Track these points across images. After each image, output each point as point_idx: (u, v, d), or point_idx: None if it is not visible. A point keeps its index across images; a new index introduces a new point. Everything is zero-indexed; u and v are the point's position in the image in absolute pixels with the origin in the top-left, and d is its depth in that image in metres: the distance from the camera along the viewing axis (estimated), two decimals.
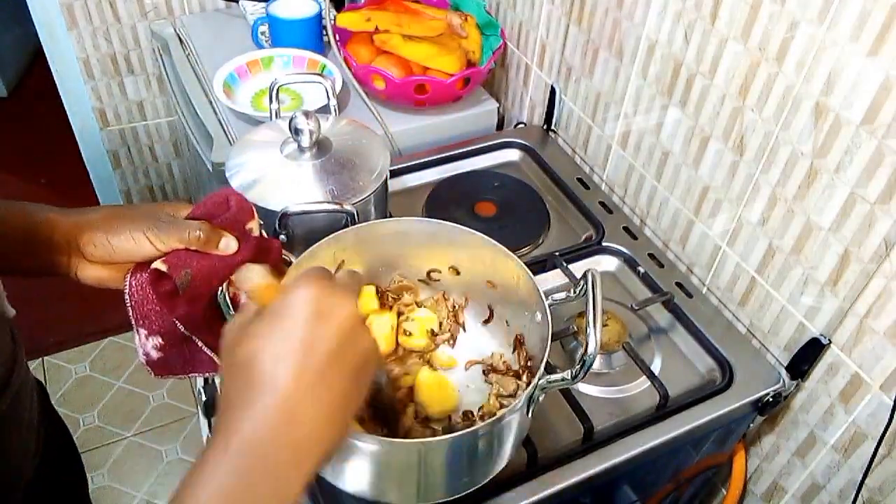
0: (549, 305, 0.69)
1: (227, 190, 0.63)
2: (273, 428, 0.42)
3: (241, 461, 0.42)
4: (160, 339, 0.61)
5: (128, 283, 0.59)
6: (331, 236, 0.74)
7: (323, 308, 0.45)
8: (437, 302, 0.81)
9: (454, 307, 0.81)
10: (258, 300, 0.48)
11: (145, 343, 0.61)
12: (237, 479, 0.41)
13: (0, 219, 0.58)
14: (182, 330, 0.60)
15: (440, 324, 0.80)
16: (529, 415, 0.67)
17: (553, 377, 0.64)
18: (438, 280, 0.82)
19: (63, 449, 0.86)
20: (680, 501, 1.06)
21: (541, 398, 0.66)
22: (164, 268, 0.57)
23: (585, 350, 0.60)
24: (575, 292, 0.70)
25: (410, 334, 0.78)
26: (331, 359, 0.44)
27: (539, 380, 0.64)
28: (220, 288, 0.61)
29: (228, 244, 0.60)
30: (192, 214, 0.60)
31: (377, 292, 0.79)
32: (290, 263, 0.69)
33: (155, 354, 0.62)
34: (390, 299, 0.81)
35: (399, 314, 0.80)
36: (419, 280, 0.82)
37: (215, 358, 0.63)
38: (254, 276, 0.48)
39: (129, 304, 0.59)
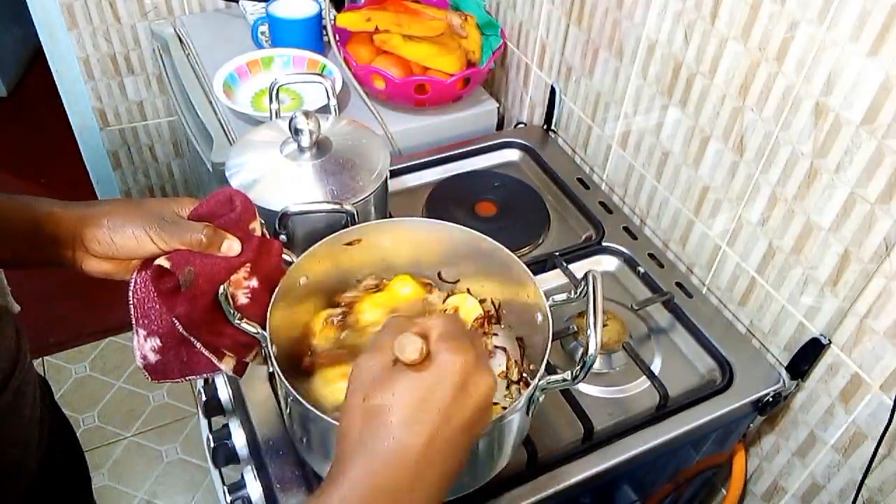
0: (550, 306, 0.69)
1: (230, 189, 0.63)
2: (390, 487, 0.43)
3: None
4: (158, 341, 0.61)
5: (132, 280, 0.59)
6: (331, 236, 0.74)
7: (468, 382, 0.46)
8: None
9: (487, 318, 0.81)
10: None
11: (143, 345, 0.61)
12: None
13: (5, 213, 0.59)
14: (181, 330, 0.60)
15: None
16: (529, 415, 0.67)
17: (553, 378, 0.64)
18: (445, 281, 0.82)
19: (67, 446, 0.86)
20: (680, 501, 1.06)
21: (541, 398, 0.66)
22: (167, 265, 0.57)
23: (586, 351, 0.60)
24: (575, 293, 0.70)
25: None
26: (465, 430, 0.46)
27: (539, 380, 0.63)
28: (221, 287, 0.61)
29: (231, 247, 0.60)
30: (196, 213, 0.60)
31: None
32: (290, 263, 0.69)
33: (153, 357, 0.62)
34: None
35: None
36: (426, 282, 0.82)
37: (213, 359, 0.63)
38: (410, 354, 0.47)
39: (131, 303, 0.59)
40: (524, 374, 0.73)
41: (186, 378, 0.65)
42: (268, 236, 0.65)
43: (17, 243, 0.59)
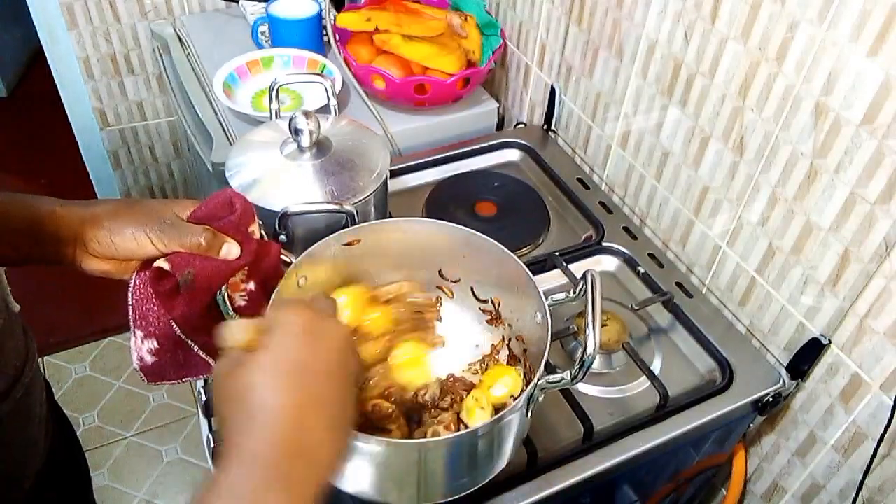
0: (549, 306, 0.69)
1: (230, 191, 0.63)
2: (282, 440, 0.43)
3: (254, 477, 0.41)
4: (155, 343, 0.61)
5: (132, 281, 0.59)
6: (331, 236, 0.74)
7: (314, 329, 0.46)
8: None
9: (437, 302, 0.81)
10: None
11: (140, 347, 0.61)
12: (252, 495, 0.41)
13: (6, 211, 0.59)
14: (178, 333, 0.60)
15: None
16: (529, 415, 0.68)
17: (552, 378, 0.64)
18: (446, 279, 0.82)
19: (68, 446, 0.86)
20: (680, 501, 1.06)
21: (540, 398, 0.66)
22: (166, 266, 0.57)
23: (585, 351, 0.60)
24: (575, 293, 0.70)
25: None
26: (329, 377, 0.46)
27: (539, 380, 0.64)
28: (220, 289, 0.61)
29: (230, 250, 0.60)
30: (195, 215, 0.60)
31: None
32: (289, 264, 0.69)
33: (149, 359, 0.62)
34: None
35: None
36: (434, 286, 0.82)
37: (210, 361, 0.63)
38: (237, 334, 0.48)
39: (129, 303, 0.59)
40: (529, 366, 0.74)
41: (183, 380, 0.65)
42: (265, 238, 0.65)
43: (18, 241, 0.59)
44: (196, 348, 0.61)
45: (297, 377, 0.44)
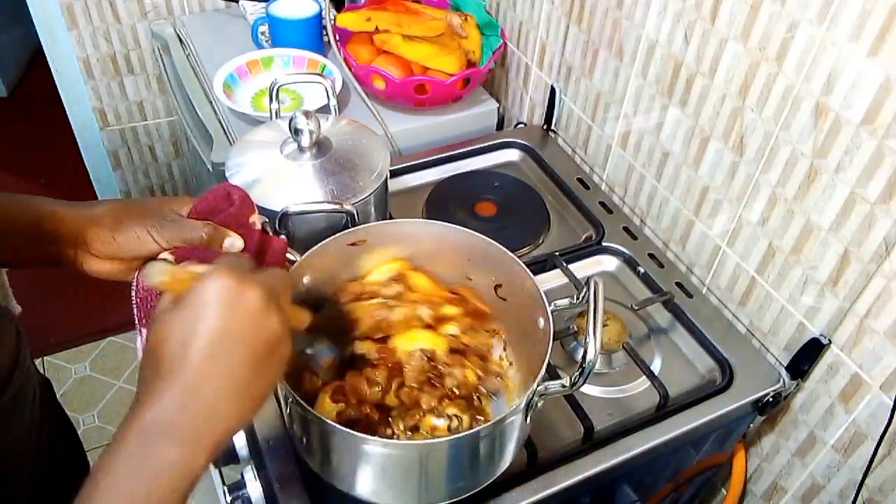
0: (552, 311, 0.68)
1: (226, 184, 0.63)
2: (174, 402, 0.44)
3: (144, 436, 0.44)
4: None
5: (135, 279, 0.59)
6: (336, 236, 0.74)
7: (230, 296, 0.47)
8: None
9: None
10: (173, 291, 0.50)
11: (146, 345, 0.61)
12: (141, 455, 0.43)
13: (7, 212, 0.59)
14: None
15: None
16: (528, 420, 0.67)
17: (551, 384, 0.64)
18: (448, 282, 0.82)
19: (68, 446, 0.86)
20: (680, 501, 1.06)
21: (539, 404, 0.66)
22: (170, 259, 0.57)
23: (585, 357, 0.60)
24: (577, 299, 0.70)
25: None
26: (233, 344, 0.46)
27: (537, 386, 0.63)
28: None
29: (233, 244, 0.60)
30: (195, 210, 0.61)
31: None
32: (293, 262, 0.69)
33: None
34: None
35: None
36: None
37: None
38: (155, 273, 0.50)
39: (134, 302, 0.59)
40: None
41: None
42: (270, 234, 0.65)
43: (19, 242, 0.59)
44: None
45: (205, 341, 0.45)
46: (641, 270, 1.00)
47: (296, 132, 0.85)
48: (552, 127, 1.27)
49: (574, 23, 1.15)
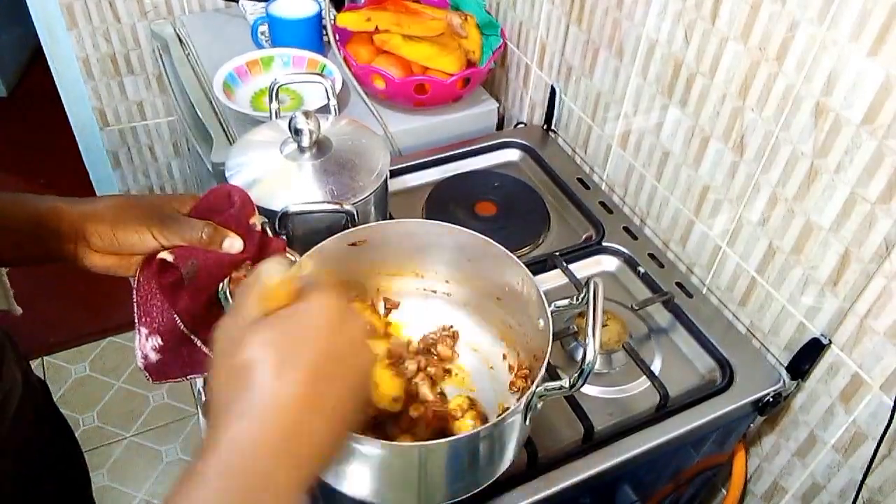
0: (552, 312, 0.68)
1: (227, 185, 0.63)
2: (273, 441, 0.40)
3: (237, 474, 0.39)
4: (159, 340, 0.61)
5: (136, 278, 0.59)
6: (336, 236, 0.74)
7: (338, 318, 0.44)
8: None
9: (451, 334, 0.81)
10: (266, 299, 0.45)
11: (145, 344, 0.61)
12: (234, 491, 0.39)
13: (7, 209, 0.59)
14: (181, 328, 0.60)
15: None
16: (527, 422, 0.67)
17: (551, 385, 0.64)
18: (448, 282, 0.82)
19: (66, 447, 0.86)
20: (680, 501, 1.06)
21: (539, 406, 0.65)
22: (170, 258, 0.58)
23: (584, 359, 0.60)
24: (577, 299, 0.70)
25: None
26: (343, 371, 0.43)
27: (537, 387, 0.63)
28: (221, 284, 0.61)
29: (233, 244, 0.60)
30: (196, 210, 0.61)
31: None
32: (293, 262, 0.69)
33: (154, 357, 0.62)
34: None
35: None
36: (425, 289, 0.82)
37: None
38: (274, 274, 0.44)
39: (134, 301, 0.60)
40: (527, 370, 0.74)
41: (187, 377, 0.65)
42: (270, 234, 0.65)
43: (20, 239, 0.59)
44: (199, 344, 0.61)
45: (312, 369, 0.41)
46: (641, 270, 1.00)
47: (296, 132, 0.85)
48: (552, 127, 1.27)
49: (574, 22, 1.15)
